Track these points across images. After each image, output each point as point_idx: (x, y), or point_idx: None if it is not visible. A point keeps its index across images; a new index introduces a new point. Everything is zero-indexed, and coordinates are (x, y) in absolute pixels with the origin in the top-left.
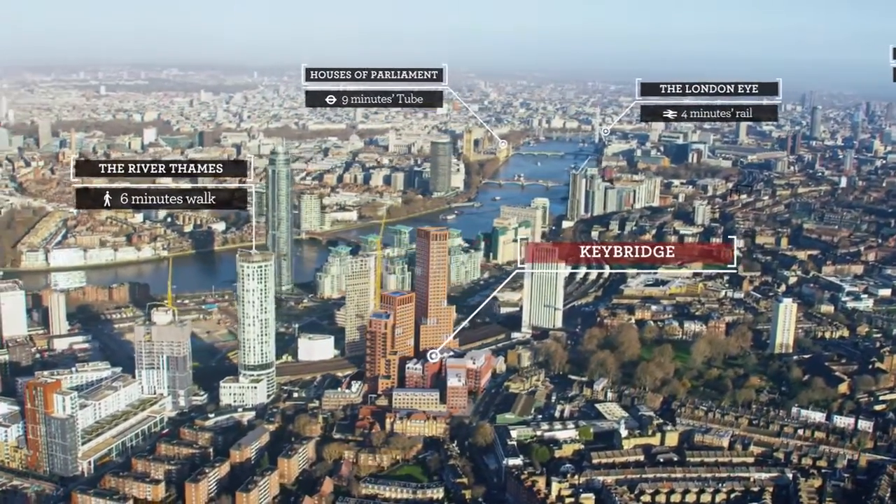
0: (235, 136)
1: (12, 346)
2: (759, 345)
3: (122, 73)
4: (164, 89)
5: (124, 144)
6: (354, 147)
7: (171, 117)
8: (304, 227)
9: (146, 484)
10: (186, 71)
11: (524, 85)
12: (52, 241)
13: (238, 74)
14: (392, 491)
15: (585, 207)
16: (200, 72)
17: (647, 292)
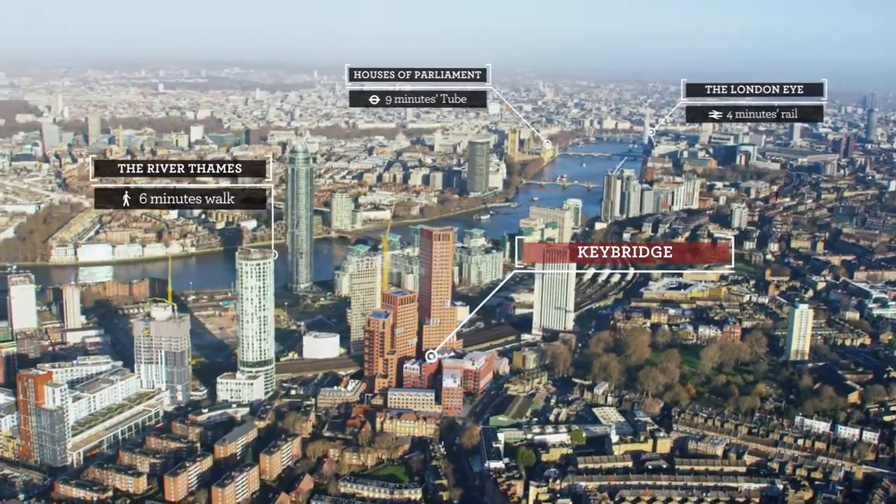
0: (283, 135)
1: (21, 339)
2: (775, 351)
3: (182, 70)
4: (222, 87)
5: (172, 142)
6: (400, 146)
7: (223, 115)
8: (334, 226)
9: (128, 476)
10: (248, 69)
11: (583, 85)
12: (84, 236)
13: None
14: (370, 490)
15: (621, 209)
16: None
17: (668, 296)
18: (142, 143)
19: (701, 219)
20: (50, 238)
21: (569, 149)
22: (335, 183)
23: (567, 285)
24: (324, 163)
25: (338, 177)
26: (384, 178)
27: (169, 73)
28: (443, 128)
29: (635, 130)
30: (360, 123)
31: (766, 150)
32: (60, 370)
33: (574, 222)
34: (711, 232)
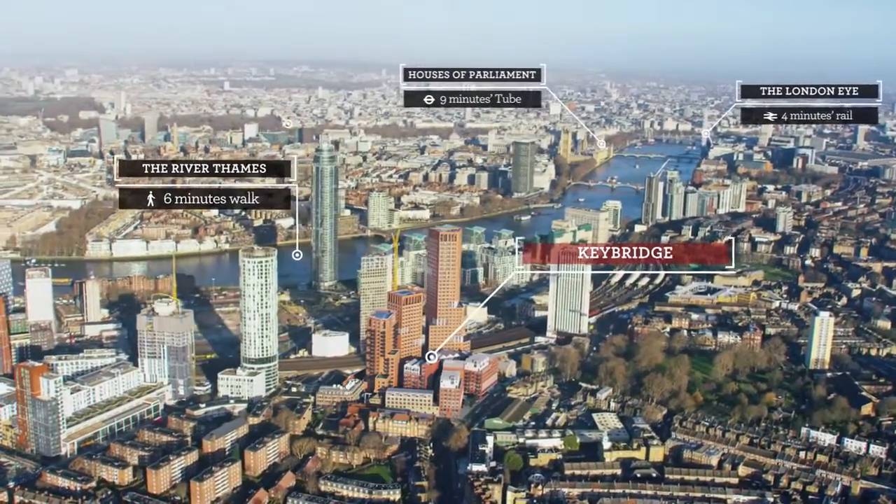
0: (337, 133)
1: (35, 331)
2: (796, 359)
3: (251, 68)
4: (288, 86)
5: (226, 139)
6: (453, 145)
7: (283, 113)
8: (370, 224)
9: (114, 467)
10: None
11: (651, 86)
12: (122, 231)
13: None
14: (349, 490)
15: (663, 211)
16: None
17: (694, 300)
18: (197, 141)
19: (745, 222)
20: (87, 233)
21: (625, 150)
22: (381, 182)
23: (582, 288)
24: (374, 161)
25: (385, 175)
26: (430, 178)
27: (237, 71)
28: (501, 127)
29: (696, 132)
30: (418, 122)
31: (827, 153)
32: (66, 362)
33: (613, 224)
34: (753, 236)
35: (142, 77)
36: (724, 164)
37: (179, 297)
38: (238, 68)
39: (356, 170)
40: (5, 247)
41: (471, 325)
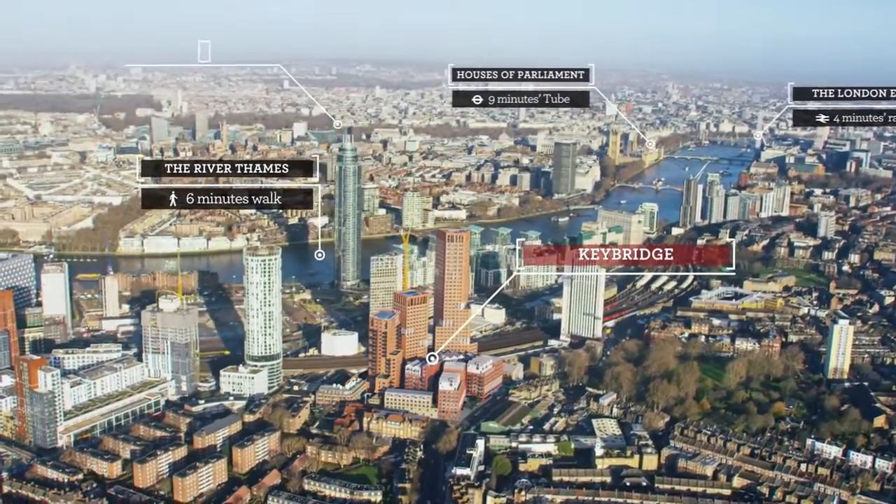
0: (386, 132)
1: (48, 325)
2: (815, 368)
3: (314, 67)
4: (348, 85)
5: (275, 138)
6: (502, 146)
7: (338, 112)
8: (405, 224)
9: (104, 461)
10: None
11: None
12: (157, 228)
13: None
14: (331, 489)
15: (703, 214)
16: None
17: (718, 306)
18: (246, 139)
19: (786, 226)
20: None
21: (677, 152)
22: (424, 181)
23: (596, 291)
24: (419, 161)
25: (428, 175)
26: (473, 178)
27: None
28: (554, 128)
29: (752, 134)
30: (471, 122)
31: (884, 156)
32: (72, 356)
33: (649, 227)
34: (792, 240)
35: (204, 75)
36: (775, 167)
37: (202, 293)
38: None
39: (400, 169)
40: (40, 241)
41: (486, 327)
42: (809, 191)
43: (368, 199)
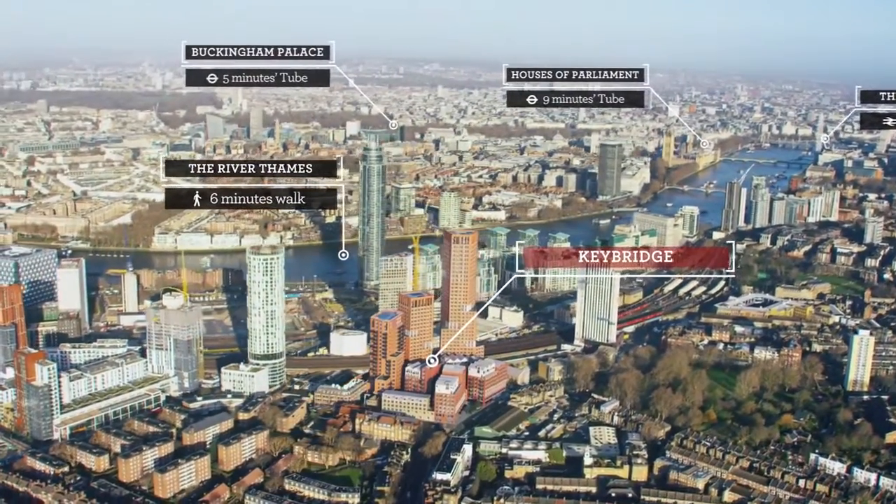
0: (440, 132)
1: (62, 319)
2: (835, 379)
3: (381, 66)
4: (414, 84)
5: (328, 136)
6: (555, 146)
7: (396, 111)
8: (441, 224)
9: (92, 454)
10: (447, 66)
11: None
12: (195, 224)
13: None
14: (310, 490)
15: (746, 218)
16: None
17: (745, 312)
18: (300, 138)
19: (832, 232)
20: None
21: (735, 154)
22: (469, 182)
23: (610, 296)
24: (469, 160)
25: (475, 175)
26: (520, 178)
27: (368, 69)
28: (613, 129)
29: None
30: (529, 123)
31: None
32: (78, 351)
33: (689, 230)
34: (835, 246)
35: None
36: (833, 171)
37: (225, 290)
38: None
39: (447, 169)
40: (77, 237)
41: (503, 329)
42: (864, 195)
43: (404, 199)
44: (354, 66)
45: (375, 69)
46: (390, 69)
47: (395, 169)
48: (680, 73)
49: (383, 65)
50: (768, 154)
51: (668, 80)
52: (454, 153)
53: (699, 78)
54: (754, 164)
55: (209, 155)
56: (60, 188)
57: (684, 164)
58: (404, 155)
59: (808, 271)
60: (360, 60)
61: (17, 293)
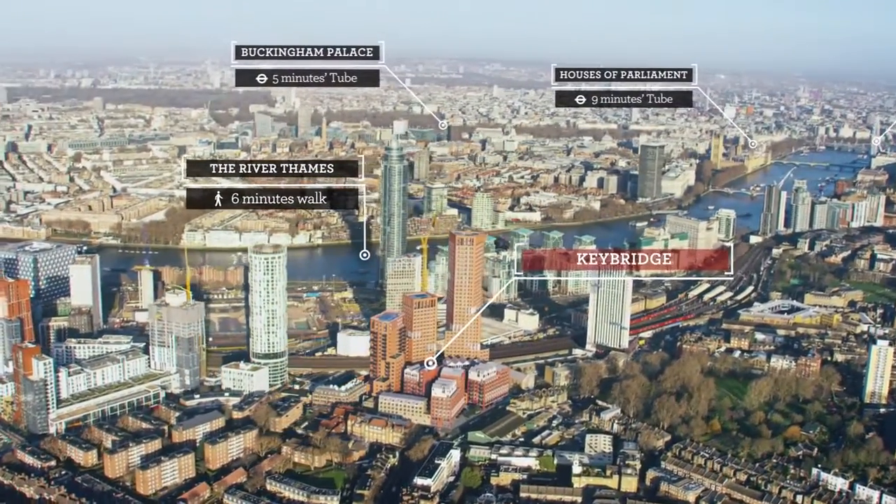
0: (488, 132)
1: (73, 315)
2: (853, 391)
3: (441, 66)
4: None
5: (375, 136)
6: (603, 147)
7: (448, 111)
8: (473, 225)
9: (81, 449)
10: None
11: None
12: (226, 222)
13: None
14: (290, 491)
15: (786, 222)
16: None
17: (768, 319)
18: (346, 137)
19: (874, 237)
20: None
21: (788, 157)
22: (510, 182)
23: (623, 300)
24: (514, 161)
25: (517, 176)
26: (561, 179)
27: (428, 68)
28: (666, 130)
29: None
30: (581, 123)
31: None
32: (83, 346)
33: (725, 234)
34: (875, 253)
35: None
36: (885, 175)
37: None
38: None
39: (488, 169)
40: (108, 233)
41: (517, 333)
42: None
43: (436, 199)
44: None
45: (436, 69)
46: (450, 69)
47: (437, 168)
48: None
49: (444, 64)
50: (822, 157)
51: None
52: (499, 153)
53: (763, 79)
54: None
55: (254, 153)
56: (101, 185)
57: (732, 167)
58: (449, 154)
59: (844, 278)
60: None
61: (24, 288)
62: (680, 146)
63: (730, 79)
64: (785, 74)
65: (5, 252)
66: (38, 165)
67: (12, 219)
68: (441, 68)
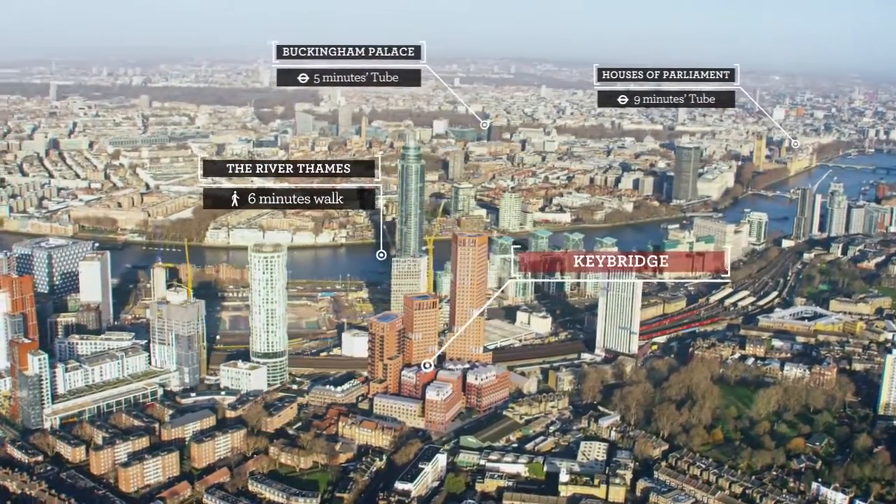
0: (529, 132)
1: (82, 311)
2: (868, 402)
3: (493, 66)
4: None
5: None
6: (644, 148)
7: (493, 111)
8: (500, 226)
9: (69, 445)
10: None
11: None
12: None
13: None
14: (270, 493)
15: (821, 227)
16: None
17: (788, 326)
18: (387, 136)
19: None
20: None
21: (834, 159)
22: (545, 183)
23: (632, 304)
24: (552, 161)
25: (552, 176)
26: (596, 181)
27: (480, 68)
28: (711, 131)
29: None
30: (626, 124)
31: None
32: (85, 342)
33: (757, 238)
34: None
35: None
36: None
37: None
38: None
39: (525, 169)
40: (134, 230)
41: (528, 335)
42: None
43: (463, 199)
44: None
45: (487, 68)
46: (502, 68)
47: (473, 168)
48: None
49: (495, 64)
50: (870, 160)
51: (785, 82)
52: (539, 153)
53: (819, 81)
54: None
55: (291, 152)
56: (136, 182)
57: (774, 169)
58: (487, 154)
59: (875, 284)
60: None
61: (27, 284)
62: (723, 148)
63: (784, 80)
64: (841, 76)
65: (21, 248)
66: (76, 162)
67: (42, 215)
68: (493, 68)
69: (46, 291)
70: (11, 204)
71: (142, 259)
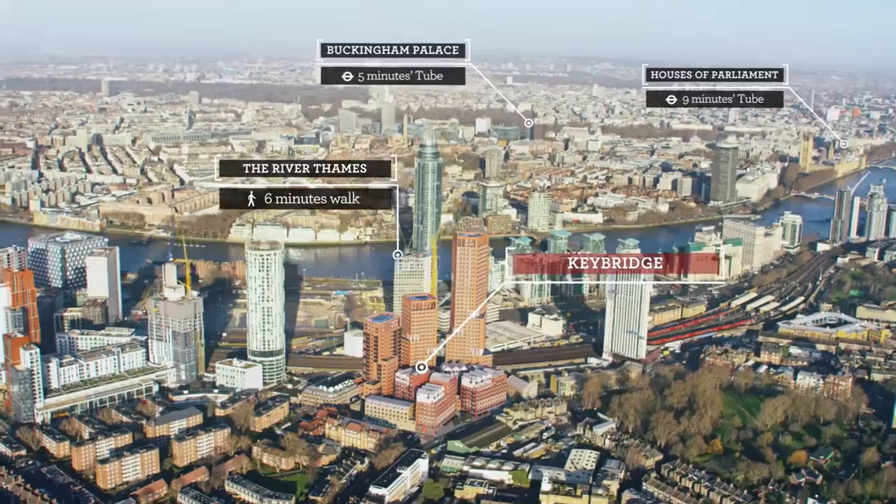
0: (574, 131)
1: (88, 306)
2: (883, 414)
3: (549, 64)
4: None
5: (456, 133)
6: (690, 148)
7: (541, 109)
8: (529, 226)
9: (54, 440)
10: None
11: None
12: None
13: None
14: (245, 493)
15: (859, 230)
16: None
17: (808, 333)
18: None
19: None
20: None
21: (885, 161)
22: (582, 182)
23: (640, 308)
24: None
25: (591, 176)
26: (635, 181)
27: (535, 67)
28: (762, 132)
29: None
30: (675, 124)
31: None
32: (85, 337)
33: (790, 241)
34: None
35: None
36: None
37: None
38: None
39: (563, 169)
40: (160, 226)
41: (537, 339)
42: None
43: (491, 198)
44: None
45: (543, 67)
46: (557, 67)
47: (511, 167)
48: (860, 76)
49: (552, 63)
50: None
51: (845, 83)
52: (581, 153)
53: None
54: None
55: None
56: (170, 178)
57: (820, 171)
58: (528, 153)
59: None
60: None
61: (29, 279)
62: (770, 148)
63: (843, 80)
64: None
65: (36, 242)
66: (116, 158)
67: (72, 209)
68: (549, 66)
69: (60, 286)
70: (44, 198)
71: (164, 255)
